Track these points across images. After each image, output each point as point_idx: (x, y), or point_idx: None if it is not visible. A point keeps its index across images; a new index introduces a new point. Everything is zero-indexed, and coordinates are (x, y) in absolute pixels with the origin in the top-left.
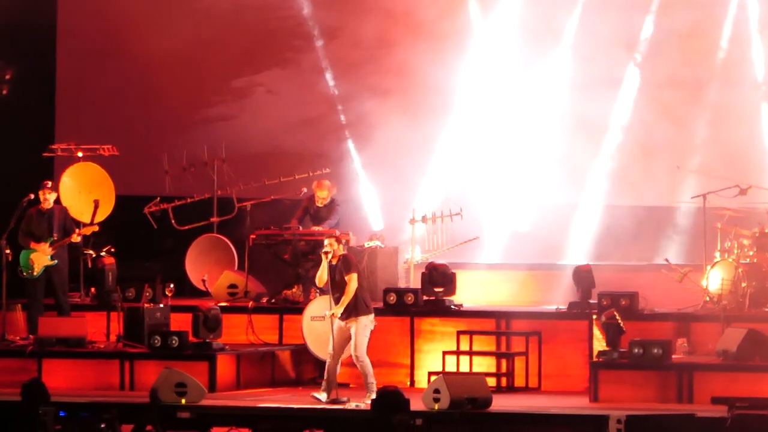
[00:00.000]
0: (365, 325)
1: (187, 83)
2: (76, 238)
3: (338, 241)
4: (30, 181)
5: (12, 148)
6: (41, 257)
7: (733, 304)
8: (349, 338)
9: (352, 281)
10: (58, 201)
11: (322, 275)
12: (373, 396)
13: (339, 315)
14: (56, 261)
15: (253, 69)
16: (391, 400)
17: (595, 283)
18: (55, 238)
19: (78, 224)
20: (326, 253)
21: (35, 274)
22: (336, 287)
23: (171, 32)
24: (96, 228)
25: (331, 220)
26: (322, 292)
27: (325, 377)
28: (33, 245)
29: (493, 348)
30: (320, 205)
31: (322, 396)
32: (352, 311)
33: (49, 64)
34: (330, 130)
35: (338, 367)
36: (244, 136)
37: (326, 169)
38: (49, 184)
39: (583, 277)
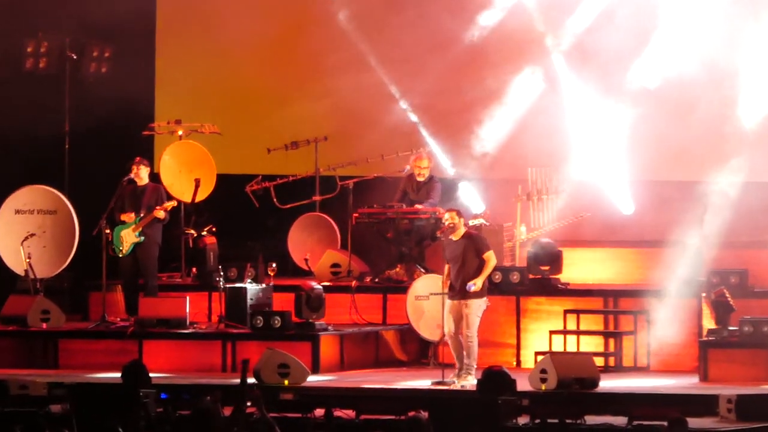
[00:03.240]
0: (479, 305)
1: (287, 59)
2: (159, 214)
3: (459, 215)
4: (130, 161)
5: (112, 126)
6: (129, 234)
7: None
8: (462, 316)
9: (492, 258)
10: (157, 179)
11: (445, 279)
12: (471, 379)
13: (478, 288)
14: (143, 238)
15: (353, 44)
16: (497, 380)
17: (706, 261)
18: (142, 215)
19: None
20: (448, 228)
21: (124, 252)
22: (459, 265)
23: (269, 8)
24: (174, 203)
25: (431, 198)
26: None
27: (455, 358)
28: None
29: (600, 327)
30: (421, 180)
31: (454, 380)
32: (469, 292)
33: (149, 40)
34: (432, 106)
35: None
36: (346, 113)
37: (429, 147)
38: (139, 159)
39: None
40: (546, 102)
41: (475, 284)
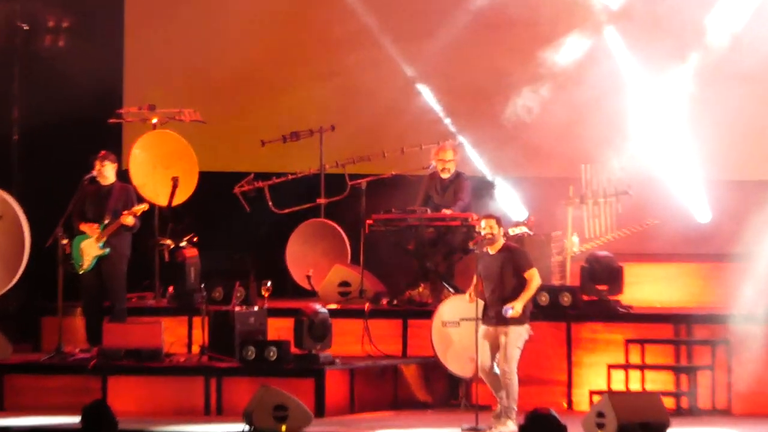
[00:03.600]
0: (519, 334)
1: (286, 33)
2: (127, 220)
3: (499, 223)
4: (93, 155)
5: (71, 113)
6: (91, 246)
7: None
8: (499, 347)
9: (536, 278)
10: (125, 178)
11: (472, 291)
12: (511, 424)
13: (517, 312)
14: (108, 250)
15: (365, 14)
16: (543, 425)
17: None
18: (106, 222)
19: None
20: (485, 239)
21: (86, 267)
22: (495, 284)
23: None
24: (146, 207)
25: (461, 199)
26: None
27: (496, 397)
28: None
29: (671, 360)
30: (446, 177)
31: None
32: (506, 317)
33: (117, 8)
34: (463, 90)
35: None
36: (357, 97)
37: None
38: (104, 153)
39: None
40: (604, 83)
41: (514, 308)
